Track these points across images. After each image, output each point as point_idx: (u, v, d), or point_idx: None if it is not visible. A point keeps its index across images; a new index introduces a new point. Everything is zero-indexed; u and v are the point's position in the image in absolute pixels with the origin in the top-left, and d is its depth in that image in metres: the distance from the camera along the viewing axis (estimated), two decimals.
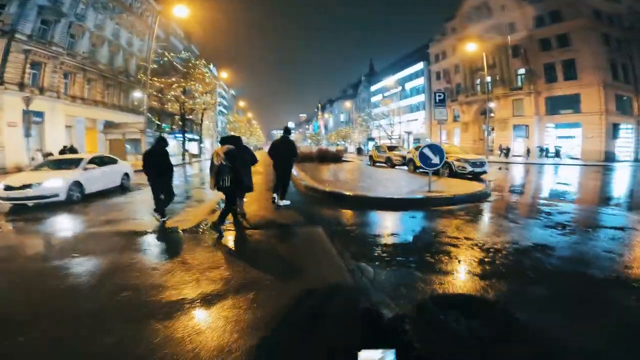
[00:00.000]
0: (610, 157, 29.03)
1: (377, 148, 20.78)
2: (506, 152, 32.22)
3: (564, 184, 11.95)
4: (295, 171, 13.76)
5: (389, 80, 51.94)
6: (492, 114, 33.59)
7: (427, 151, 7.12)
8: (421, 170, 13.74)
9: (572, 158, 29.86)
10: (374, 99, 66.60)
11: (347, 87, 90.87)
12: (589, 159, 28.29)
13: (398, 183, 9.49)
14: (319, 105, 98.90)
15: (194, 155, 31.47)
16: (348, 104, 73.69)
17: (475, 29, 36.28)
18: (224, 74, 43.70)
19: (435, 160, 7.12)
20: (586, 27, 29.00)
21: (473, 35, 26.65)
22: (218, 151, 4.64)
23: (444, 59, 44.99)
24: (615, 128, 29.59)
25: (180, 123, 30.41)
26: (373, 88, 68.41)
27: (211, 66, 37.16)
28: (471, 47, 24.42)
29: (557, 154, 29.75)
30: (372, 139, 56.45)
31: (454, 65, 42.65)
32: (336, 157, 20.83)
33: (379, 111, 54.23)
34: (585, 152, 29.89)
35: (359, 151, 35.74)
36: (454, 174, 11.62)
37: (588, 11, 29.33)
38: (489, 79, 33.50)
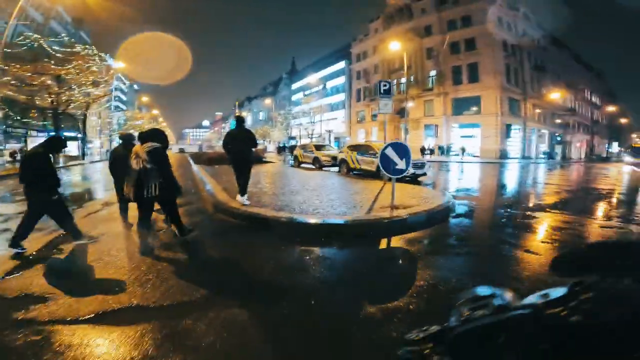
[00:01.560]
0: (504, 154, 32.82)
1: (303, 147, 18.65)
2: (430, 151, 33.66)
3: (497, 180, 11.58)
4: (204, 177, 10.63)
5: (311, 78, 50.73)
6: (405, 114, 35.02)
7: (390, 152, 5.10)
8: (356, 172, 12.21)
9: (473, 156, 32.84)
10: (295, 97, 65.13)
11: (267, 85, 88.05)
12: (486, 157, 31.35)
13: (340, 192, 7.38)
14: (237, 102, 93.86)
15: (72, 158, 24.86)
16: (268, 101, 70.43)
17: (396, 31, 37.35)
18: (120, 64, 36.45)
19: (401, 164, 5.17)
20: (490, 33, 32.06)
21: (394, 37, 26.87)
22: (137, 151, 3.72)
23: (365, 59, 45.77)
24: (507, 128, 33.64)
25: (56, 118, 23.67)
26: (294, 86, 66.92)
27: (107, 56, 30.38)
28: (391, 48, 24.25)
29: (463, 152, 32.28)
30: (292, 138, 54.59)
31: (374, 66, 43.60)
32: (255, 158, 17.98)
33: (300, 109, 52.70)
34: (483, 150, 33.08)
35: (280, 150, 33.16)
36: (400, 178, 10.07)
37: (493, 17, 32.50)
38: (403, 80, 34.70)
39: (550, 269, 0.29)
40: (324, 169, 15.09)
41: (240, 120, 6.30)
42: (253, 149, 6.31)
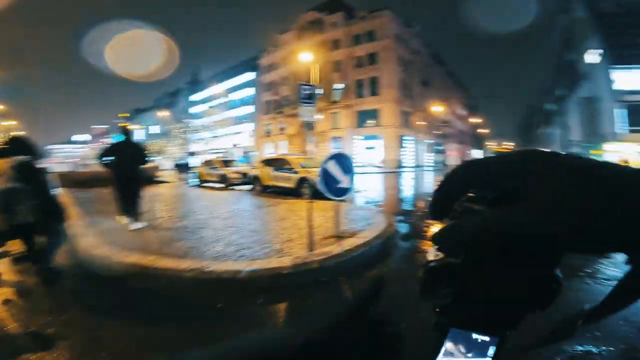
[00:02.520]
0: (400, 164, 36.06)
1: (208, 163, 16.37)
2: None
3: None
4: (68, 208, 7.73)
5: (215, 90, 47.24)
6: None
7: (331, 167, 3.99)
8: (271, 190, 10.86)
9: (376, 167, 35.13)
10: (196, 109, 59.95)
11: (162, 96, 79.04)
12: (388, 167, 33.90)
13: (263, 220, 5.98)
14: (125, 115, 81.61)
15: None
16: (164, 114, 62.88)
17: (306, 43, 37.60)
18: None
19: (345, 182, 4.11)
20: (390, 48, 35.00)
21: (304, 49, 26.83)
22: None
23: (274, 71, 44.99)
24: (402, 139, 37.15)
25: None
26: (196, 97, 61.76)
27: None
28: (301, 60, 24.02)
29: (367, 164, 33.94)
30: (193, 154, 49.81)
31: (283, 78, 43.18)
32: (146, 178, 14.90)
33: (203, 123, 48.54)
34: (385, 160, 35.74)
35: (179, 168, 28.51)
36: (318, 195, 9.07)
37: (392, 33, 35.58)
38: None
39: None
40: (233, 187, 13.25)
41: (126, 132, 5.67)
42: (143, 166, 5.54)
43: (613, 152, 28.41)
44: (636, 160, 27.77)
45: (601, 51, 26.83)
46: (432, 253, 0.27)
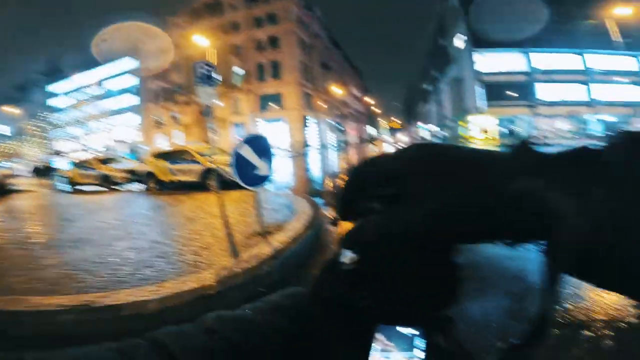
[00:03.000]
0: (306, 145, 36.71)
1: (81, 164, 13.35)
2: None
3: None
4: None
5: (85, 78, 38.71)
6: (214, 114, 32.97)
7: (246, 152, 3.38)
8: (170, 186, 9.42)
9: (282, 150, 34.95)
10: (59, 102, 48.65)
11: (7, 89, 61.23)
12: (294, 149, 34.11)
13: (167, 224, 5.01)
14: None
15: None
16: (11, 110, 49.03)
17: (201, 26, 33.63)
18: None
19: (263, 168, 3.55)
20: (291, 31, 34.18)
21: (199, 33, 23.84)
22: None
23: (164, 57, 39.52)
24: (305, 120, 37.67)
25: None
26: (57, 89, 49.85)
27: None
28: (195, 45, 21.43)
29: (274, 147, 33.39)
30: (59, 153, 40.73)
31: (175, 64, 38.51)
32: None
33: (71, 117, 39.88)
34: (291, 143, 35.82)
35: (39, 172, 22.06)
36: (226, 185, 8.23)
37: (294, 16, 34.64)
38: None
39: None
40: (118, 188, 11.14)
41: None
42: None
43: (475, 124, 34.96)
44: (492, 129, 34.74)
45: (465, 37, 31.70)
46: (345, 256, 0.26)
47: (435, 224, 0.22)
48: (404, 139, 58.96)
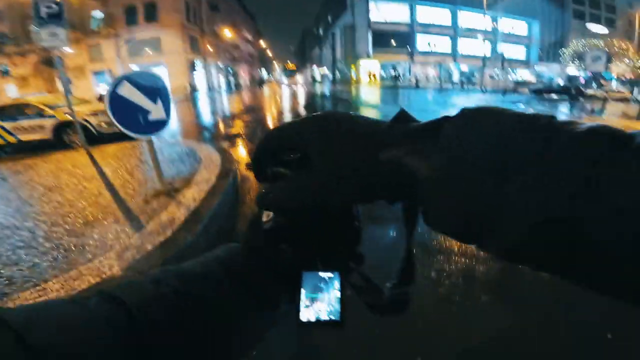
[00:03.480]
0: (193, 89, 33.73)
1: None
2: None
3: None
4: None
5: None
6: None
7: (129, 92, 2.48)
8: (6, 150, 6.95)
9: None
10: None
11: None
12: (177, 94, 30.65)
13: (17, 205, 3.68)
14: None
15: None
16: None
17: None
18: None
19: (157, 111, 2.73)
20: None
21: None
22: None
23: None
24: (192, 64, 33.79)
25: None
26: None
27: None
28: None
29: None
30: None
31: None
32: None
33: None
34: (174, 88, 31.97)
35: None
36: (98, 140, 6.68)
37: None
38: None
39: None
40: None
41: None
42: None
43: (364, 68, 37.65)
44: (377, 73, 37.97)
45: None
46: (263, 214, 0.30)
47: (328, 192, 0.24)
48: (299, 81, 58.71)
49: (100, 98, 24.32)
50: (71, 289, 1.79)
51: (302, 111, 12.35)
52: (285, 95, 23.93)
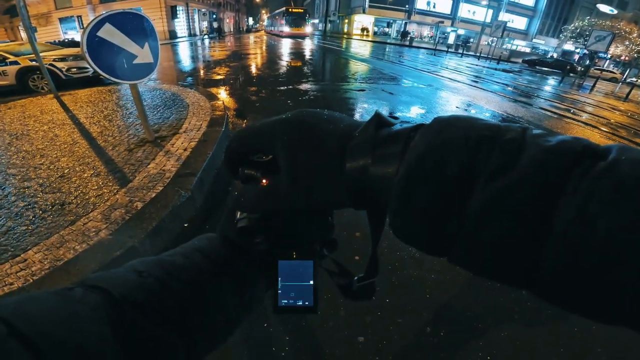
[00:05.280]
0: (173, 35, 31.39)
1: None
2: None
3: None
4: None
5: None
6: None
7: (110, 34, 2.11)
8: None
9: None
10: None
11: None
12: (161, 38, 28.51)
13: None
14: None
15: None
16: None
17: None
18: None
19: (143, 55, 2.39)
20: None
21: None
22: None
23: None
24: (173, 10, 31.08)
25: None
26: None
27: None
28: None
29: None
30: None
31: None
32: None
33: None
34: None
35: None
36: (67, 85, 6.36)
37: None
38: None
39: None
40: None
41: None
42: None
43: (358, 22, 35.83)
44: (370, 27, 36.65)
45: None
46: (238, 214, 0.31)
47: (294, 198, 0.25)
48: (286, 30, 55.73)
49: (67, 43, 22.25)
50: (55, 259, 1.60)
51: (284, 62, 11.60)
52: (272, 45, 22.48)
